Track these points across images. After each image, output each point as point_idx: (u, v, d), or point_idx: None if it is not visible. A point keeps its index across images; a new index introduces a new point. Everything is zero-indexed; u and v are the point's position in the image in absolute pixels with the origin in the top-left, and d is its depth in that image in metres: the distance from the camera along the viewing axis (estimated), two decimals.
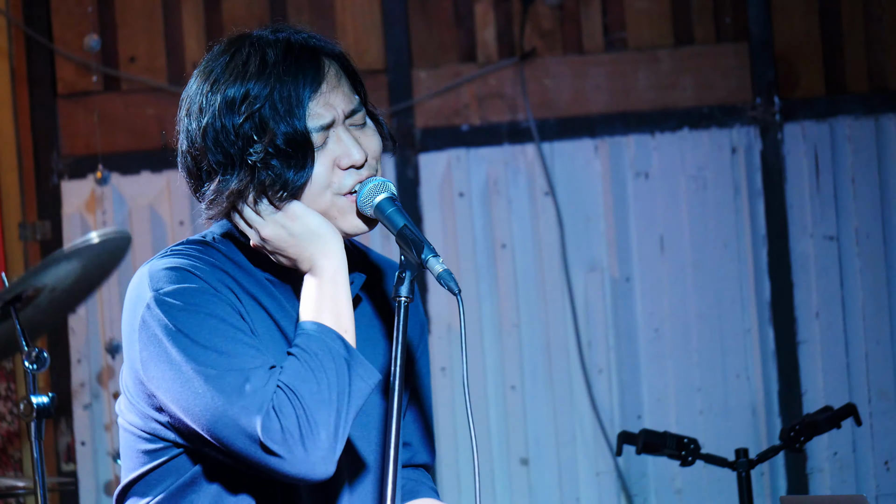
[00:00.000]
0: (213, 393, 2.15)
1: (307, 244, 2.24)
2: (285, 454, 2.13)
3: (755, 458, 4.09)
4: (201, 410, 2.17)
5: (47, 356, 3.24)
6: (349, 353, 2.19)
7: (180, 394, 2.18)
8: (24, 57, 5.25)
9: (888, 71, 5.31)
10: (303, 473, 2.15)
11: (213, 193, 2.25)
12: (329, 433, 2.14)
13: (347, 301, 2.24)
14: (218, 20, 5.27)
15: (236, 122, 2.21)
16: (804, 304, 5.27)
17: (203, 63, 2.29)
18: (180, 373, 2.18)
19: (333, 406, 2.15)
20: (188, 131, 2.27)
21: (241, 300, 2.27)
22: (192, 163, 2.28)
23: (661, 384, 5.25)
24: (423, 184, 5.27)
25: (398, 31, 5.29)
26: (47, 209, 5.26)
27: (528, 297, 5.26)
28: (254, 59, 2.24)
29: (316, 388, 2.15)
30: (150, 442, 2.32)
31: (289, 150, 2.21)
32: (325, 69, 2.26)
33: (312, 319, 2.21)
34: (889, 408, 5.28)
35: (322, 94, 2.24)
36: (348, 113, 2.27)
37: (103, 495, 5.23)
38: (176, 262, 2.26)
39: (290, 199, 2.24)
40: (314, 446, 2.13)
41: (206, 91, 2.25)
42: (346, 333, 2.22)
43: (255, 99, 2.21)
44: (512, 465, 5.24)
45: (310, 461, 2.14)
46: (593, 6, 5.30)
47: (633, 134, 5.28)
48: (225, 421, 2.15)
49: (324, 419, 2.14)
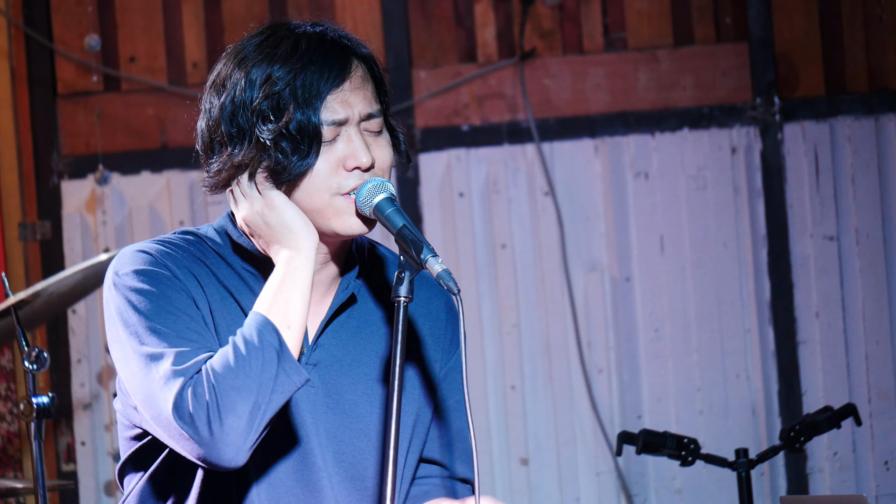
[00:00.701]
0: (144, 371, 2.19)
1: (278, 235, 2.26)
2: (192, 435, 2.14)
3: (755, 458, 4.09)
4: (135, 388, 2.22)
5: (47, 356, 3.24)
6: (281, 347, 2.19)
7: (125, 373, 2.24)
8: (24, 57, 5.25)
9: (888, 71, 5.31)
10: (209, 457, 2.16)
11: (217, 164, 2.28)
12: (240, 421, 2.14)
13: (302, 298, 2.24)
14: (218, 20, 5.27)
15: (255, 98, 2.24)
16: (804, 304, 5.27)
17: (236, 42, 2.32)
18: (125, 352, 2.23)
19: (251, 396, 2.15)
20: (209, 105, 2.30)
21: (210, 291, 2.30)
22: (207, 134, 2.30)
23: (661, 384, 5.25)
24: (423, 184, 5.27)
25: (398, 31, 5.29)
26: (47, 209, 5.26)
27: (528, 297, 5.25)
28: (286, 43, 2.26)
29: (234, 375, 2.15)
30: (129, 429, 2.36)
31: (297, 137, 2.23)
32: (353, 69, 2.28)
33: (260, 311, 2.22)
34: (889, 408, 5.28)
35: (343, 91, 2.26)
36: (364, 116, 2.28)
37: (103, 495, 5.23)
38: (146, 246, 2.31)
39: (287, 184, 2.25)
40: (220, 431, 2.14)
41: (233, 67, 2.28)
42: (290, 329, 2.22)
43: (276, 80, 2.23)
44: (512, 465, 5.25)
45: (215, 445, 2.14)
46: (593, 6, 5.30)
47: (632, 134, 5.28)
48: (150, 399, 2.19)
49: (235, 406, 2.14)
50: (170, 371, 2.17)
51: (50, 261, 5.24)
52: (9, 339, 3.52)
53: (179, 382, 2.16)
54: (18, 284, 5.13)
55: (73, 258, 5.23)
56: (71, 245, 5.24)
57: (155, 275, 2.26)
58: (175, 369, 2.17)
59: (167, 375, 2.17)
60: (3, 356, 5.15)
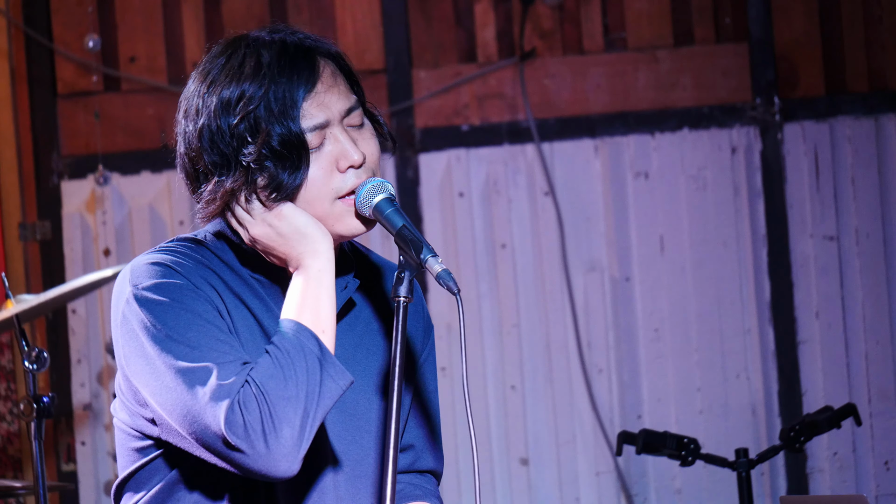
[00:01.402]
0: (182, 387, 2.16)
1: (294, 243, 2.24)
2: (247, 449, 2.13)
3: (755, 458, 4.09)
4: (172, 404, 2.18)
5: (47, 356, 3.24)
6: (322, 352, 2.19)
7: (155, 388, 2.20)
8: (24, 57, 5.25)
9: (888, 71, 5.31)
10: (265, 470, 2.14)
11: (208, 194, 2.26)
12: (293, 431, 2.14)
13: (330, 301, 2.23)
14: (218, 20, 5.27)
15: (231, 123, 2.22)
16: (804, 304, 5.27)
17: (201, 65, 2.30)
18: (154, 367, 2.19)
19: (300, 404, 2.15)
20: (185, 133, 2.27)
21: (224, 298, 2.28)
22: (189, 164, 2.28)
23: (661, 384, 5.25)
24: (423, 184, 5.27)
25: (398, 31, 5.29)
26: (47, 209, 5.26)
27: (528, 297, 5.26)
28: (249, 60, 2.24)
29: (283, 385, 2.14)
30: (139, 440, 2.33)
31: (283, 152, 2.21)
32: (321, 69, 2.26)
33: (292, 318, 2.21)
34: (889, 408, 5.28)
35: (317, 94, 2.24)
36: (344, 112, 2.27)
37: (103, 495, 5.23)
38: (159, 257, 2.27)
39: (286, 200, 2.24)
40: (276, 443, 2.13)
41: (203, 93, 2.25)
42: (324, 334, 2.21)
43: (249, 100, 2.21)
44: (512, 465, 5.25)
45: (272, 458, 2.13)
46: (593, 6, 5.30)
47: (632, 134, 5.28)
48: (192, 414, 2.16)
49: (288, 416, 2.14)
50: (216, 386, 2.14)
51: (50, 261, 5.24)
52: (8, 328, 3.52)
53: (226, 397, 2.13)
54: (18, 284, 5.13)
55: (73, 258, 5.23)
56: (71, 245, 5.24)
57: (176, 287, 2.23)
58: (221, 384, 2.14)
59: (214, 391, 2.14)
60: (4, 356, 5.15)
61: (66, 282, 5.22)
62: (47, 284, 5.22)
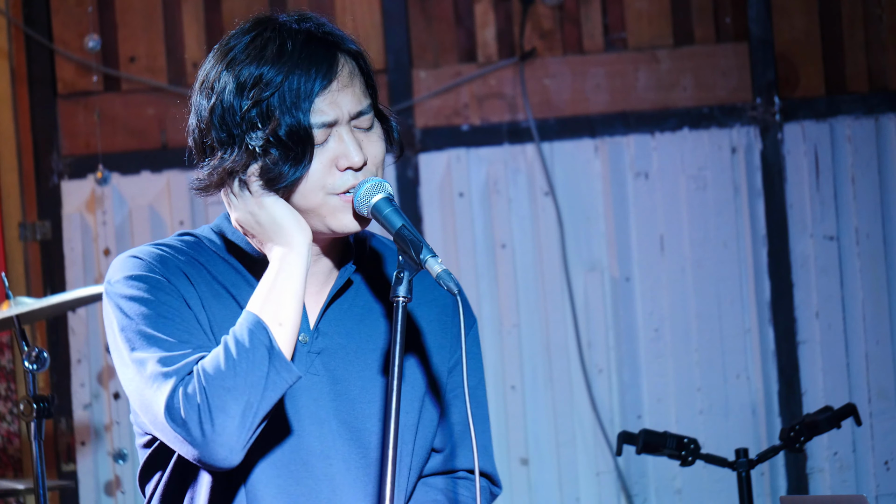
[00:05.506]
0: (138, 376, 2.21)
1: (270, 234, 2.26)
2: (185, 436, 2.16)
3: (755, 458, 4.09)
4: (131, 394, 2.24)
5: (47, 356, 3.25)
6: (272, 345, 2.19)
7: (122, 378, 2.26)
8: (24, 57, 5.25)
9: (888, 71, 5.31)
10: (205, 458, 2.17)
11: (209, 168, 2.28)
12: (232, 421, 2.15)
13: (295, 294, 2.23)
14: (218, 20, 5.27)
15: (243, 105, 2.23)
16: (804, 304, 5.27)
17: (225, 39, 2.32)
18: (122, 359, 2.25)
19: (242, 395, 2.15)
20: (198, 105, 2.29)
21: (202, 288, 2.30)
22: (199, 136, 2.29)
23: (661, 384, 5.25)
24: (422, 184, 5.27)
25: (398, 31, 5.29)
26: (47, 209, 5.26)
27: (528, 297, 5.26)
28: (272, 44, 2.25)
29: (225, 375, 2.16)
30: (141, 435, 2.38)
31: (289, 143, 2.22)
32: (340, 67, 2.26)
33: (252, 310, 2.22)
34: (889, 408, 5.28)
35: (331, 91, 2.24)
36: (354, 114, 2.27)
37: (103, 495, 5.23)
38: (137, 251, 2.32)
39: (284, 191, 2.25)
40: (212, 431, 2.15)
41: (222, 69, 2.27)
42: (282, 326, 2.21)
43: (265, 85, 2.22)
44: (512, 465, 5.25)
45: (208, 446, 2.15)
46: (593, 6, 5.30)
47: (632, 134, 5.28)
48: (145, 403, 2.20)
49: (226, 406, 2.15)
50: (159, 373, 2.18)
51: (50, 261, 5.24)
52: (8, 327, 3.53)
53: (170, 384, 2.16)
54: (18, 284, 5.13)
55: (74, 258, 5.23)
56: (71, 245, 5.24)
57: (145, 279, 2.27)
58: (164, 371, 2.18)
59: (156, 378, 2.18)
60: (3, 356, 5.15)
61: (66, 282, 5.23)
62: (47, 284, 5.22)
